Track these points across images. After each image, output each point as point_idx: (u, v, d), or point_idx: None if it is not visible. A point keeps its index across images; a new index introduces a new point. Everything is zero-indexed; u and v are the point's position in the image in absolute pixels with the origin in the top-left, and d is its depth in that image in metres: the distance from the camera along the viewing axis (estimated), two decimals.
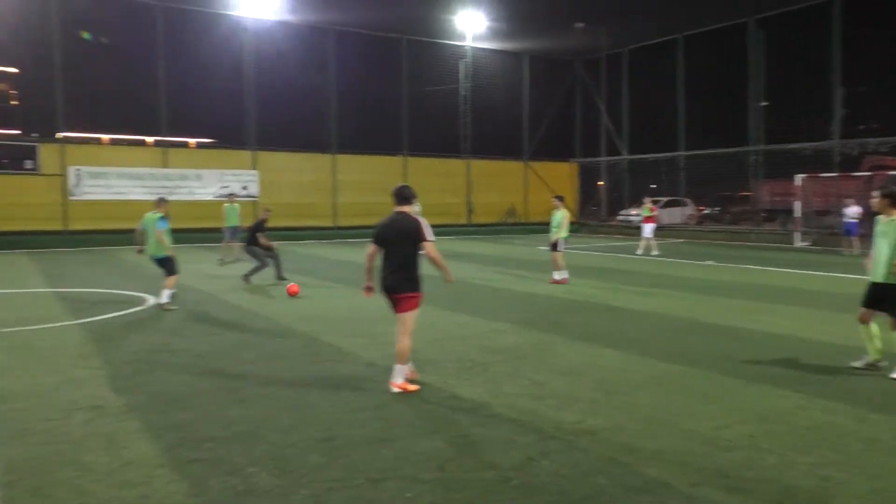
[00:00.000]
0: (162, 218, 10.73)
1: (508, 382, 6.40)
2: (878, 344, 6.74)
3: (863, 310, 6.78)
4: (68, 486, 4.09)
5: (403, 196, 6.22)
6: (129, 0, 25.28)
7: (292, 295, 11.69)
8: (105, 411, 5.53)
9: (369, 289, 6.43)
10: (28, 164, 22.72)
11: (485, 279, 14.54)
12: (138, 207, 23.59)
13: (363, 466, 4.42)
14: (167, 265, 10.70)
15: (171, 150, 25.92)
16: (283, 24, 27.46)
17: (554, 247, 13.94)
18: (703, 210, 32.47)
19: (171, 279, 10.64)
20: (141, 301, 11.28)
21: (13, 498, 3.93)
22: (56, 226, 23.17)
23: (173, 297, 10.68)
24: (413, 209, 6.28)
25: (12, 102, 30.08)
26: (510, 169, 33.41)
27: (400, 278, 6.06)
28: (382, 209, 6.90)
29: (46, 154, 23.19)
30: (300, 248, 20.93)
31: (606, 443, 4.84)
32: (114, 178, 24.06)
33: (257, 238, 13.56)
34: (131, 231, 11.60)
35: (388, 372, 6.29)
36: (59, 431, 5.05)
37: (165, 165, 25.27)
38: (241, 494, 4.02)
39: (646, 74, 32.40)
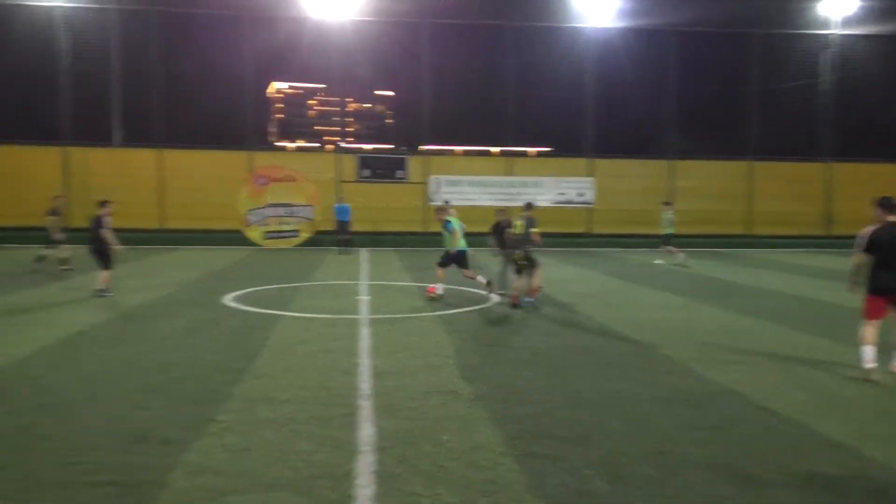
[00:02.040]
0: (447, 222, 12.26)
1: None
2: None
3: None
4: (428, 460, 4.64)
5: (892, 205, 6.87)
6: (483, 24, 27.71)
7: (431, 294, 12.18)
8: (458, 397, 6.15)
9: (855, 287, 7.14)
10: (399, 173, 26.35)
11: None
12: (481, 212, 25.94)
13: (700, 488, 4.21)
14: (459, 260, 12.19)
15: (515, 160, 27.79)
16: (622, 31, 27.47)
17: None
18: None
19: (470, 272, 12.22)
20: (486, 299, 12.27)
21: (385, 462, 4.59)
22: (416, 227, 26.44)
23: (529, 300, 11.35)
24: None
25: (388, 121, 35.12)
26: (885, 172, 28.66)
27: None
28: (724, 217, 6.48)
29: (414, 165, 26.61)
30: (632, 256, 20.74)
31: None
32: (466, 185, 26.59)
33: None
34: (473, 234, 13.12)
35: (727, 393, 5.89)
36: (420, 410, 5.75)
37: (510, 174, 27.14)
38: (578, 495, 4.13)
39: None
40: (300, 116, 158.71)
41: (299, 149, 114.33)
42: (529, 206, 12.01)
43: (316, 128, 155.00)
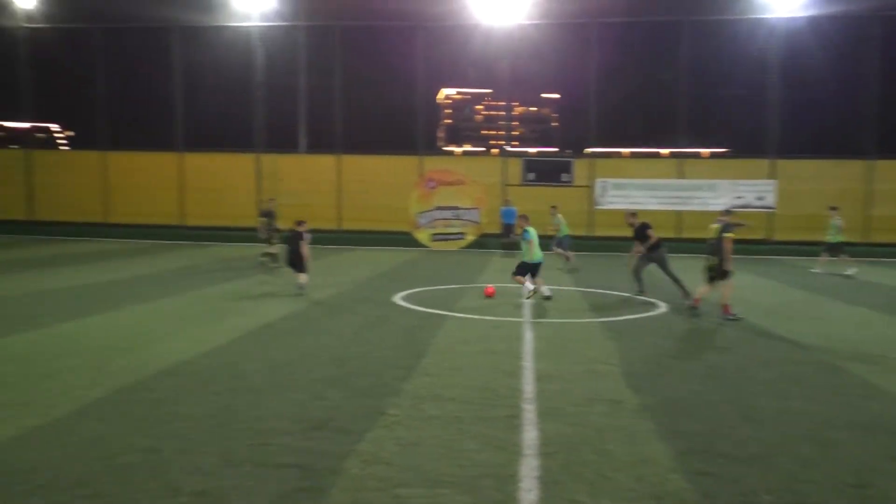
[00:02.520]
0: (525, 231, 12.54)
1: None
2: None
3: None
4: (592, 468, 4.57)
5: None
6: (655, 21, 26.72)
7: (489, 296, 12.47)
8: (623, 406, 5.99)
9: None
10: (564, 177, 26.09)
11: None
12: (650, 217, 24.97)
13: None
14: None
15: (686, 161, 26.48)
16: (813, 19, 25.23)
17: None
18: None
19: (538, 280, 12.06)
20: (654, 307, 11.82)
21: (549, 467, 4.59)
22: (581, 231, 26.02)
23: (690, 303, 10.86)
24: None
25: (553, 124, 34.94)
26: None
27: None
28: None
29: (579, 168, 26.24)
30: (816, 265, 18.94)
31: None
32: (632, 189, 25.77)
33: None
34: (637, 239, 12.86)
35: None
36: (583, 417, 5.67)
37: (681, 176, 25.93)
38: None
39: None
40: (467, 121, 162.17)
41: (465, 153, 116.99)
42: (728, 212, 11.57)
43: (482, 132, 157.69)
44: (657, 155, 29.79)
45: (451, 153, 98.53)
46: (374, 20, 26.23)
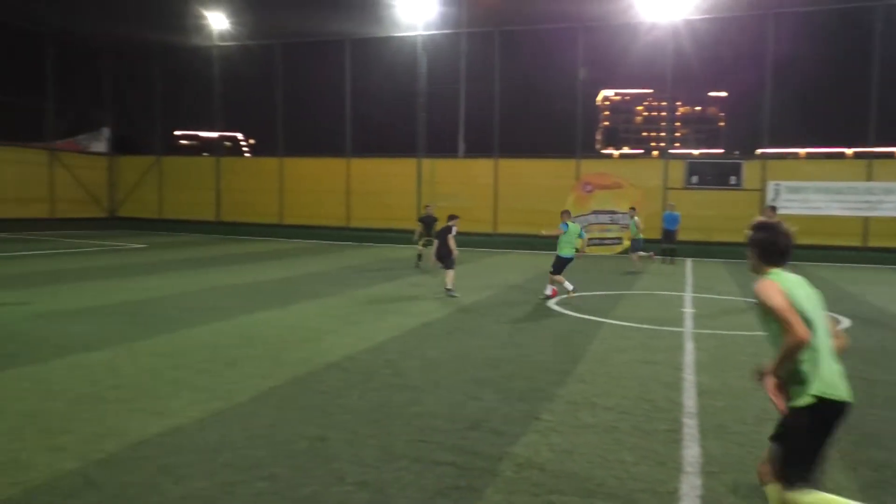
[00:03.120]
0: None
1: None
2: None
3: None
4: (763, 494, 4.26)
5: None
6: (841, 9, 24.43)
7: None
8: None
9: None
10: (732, 179, 24.58)
11: None
12: (832, 223, 22.86)
13: None
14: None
15: (875, 162, 23.92)
16: None
17: None
18: None
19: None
20: (837, 321, 10.81)
21: (714, 488, 4.34)
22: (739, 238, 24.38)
23: None
24: None
25: (719, 124, 33.02)
26: None
27: None
28: None
29: (749, 170, 24.60)
30: None
31: None
32: (811, 192, 23.74)
33: None
34: (823, 248, 11.47)
35: None
36: (752, 436, 5.30)
37: (869, 179, 23.49)
38: None
39: None
40: (626, 123, 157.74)
41: (623, 155, 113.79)
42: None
43: (643, 134, 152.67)
44: (841, 155, 27.19)
45: (608, 156, 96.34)
46: (535, 23, 26.16)
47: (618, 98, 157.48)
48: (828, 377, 3.37)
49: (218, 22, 29.05)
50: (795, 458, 3.41)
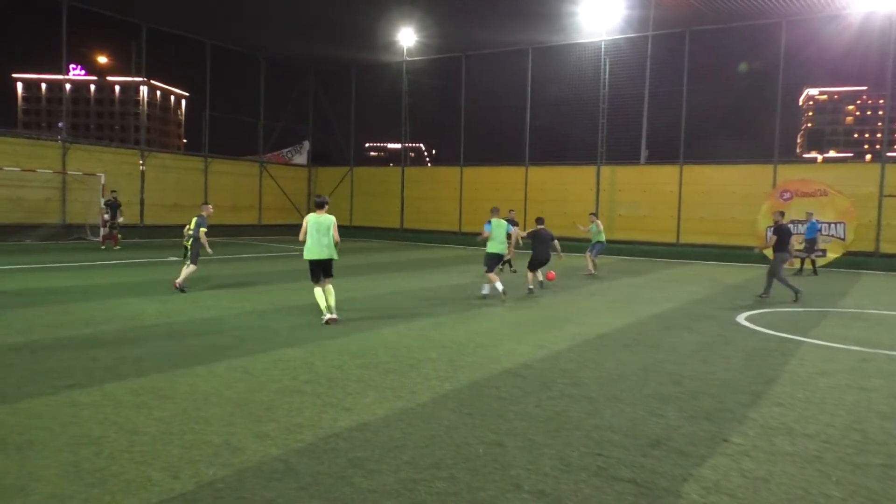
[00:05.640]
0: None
1: None
2: None
3: None
4: None
5: None
6: None
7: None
8: None
9: None
10: None
11: None
12: None
13: None
14: None
15: None
16: None
17: None
18: None
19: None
20: None
21: None
22: None
23: None
24: None
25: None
26: None
27: None
28: None
29: None
30: None
31: None
32: None
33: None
34: None
35: None
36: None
37: None
38: None
39: None
40: (833, 124, 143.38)
41: (827, 160, 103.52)
42: None
43: (854, 136, 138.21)
44: None
45: (812, 160, 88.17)
46: (730, 21, 24.54)
47: (824, 97, 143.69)
48: None
49: (407, 38, 30.52)
50: None
